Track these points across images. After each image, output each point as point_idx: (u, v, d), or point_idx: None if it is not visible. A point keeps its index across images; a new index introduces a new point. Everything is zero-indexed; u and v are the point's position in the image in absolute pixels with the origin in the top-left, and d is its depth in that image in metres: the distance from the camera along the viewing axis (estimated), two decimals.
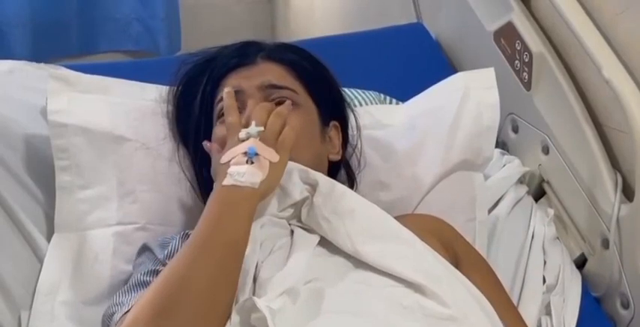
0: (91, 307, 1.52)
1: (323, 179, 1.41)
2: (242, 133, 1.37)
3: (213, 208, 1.32)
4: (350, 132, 1.67)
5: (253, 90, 1.52)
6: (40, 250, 1.58)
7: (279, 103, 1.50)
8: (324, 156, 1.56)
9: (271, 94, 1.52)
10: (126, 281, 1.47)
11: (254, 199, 1.32)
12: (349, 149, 1.66)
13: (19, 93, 1.68)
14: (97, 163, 1.59)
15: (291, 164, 1.41)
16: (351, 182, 1.64)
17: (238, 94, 1.51)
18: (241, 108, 1.49)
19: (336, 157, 1.59)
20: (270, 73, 1.55)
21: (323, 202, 1.38)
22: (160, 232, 1.58)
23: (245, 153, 1.34)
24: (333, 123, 1.60)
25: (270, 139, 1.37)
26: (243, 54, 1.58)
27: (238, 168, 1.32)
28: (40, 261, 1.57)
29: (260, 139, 1.36)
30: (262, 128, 1.38)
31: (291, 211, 1.41)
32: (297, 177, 1.40)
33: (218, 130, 1.52)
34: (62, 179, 1.57)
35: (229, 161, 1.35)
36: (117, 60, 2.87)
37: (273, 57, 1.57)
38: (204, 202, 1.56)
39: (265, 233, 1.35)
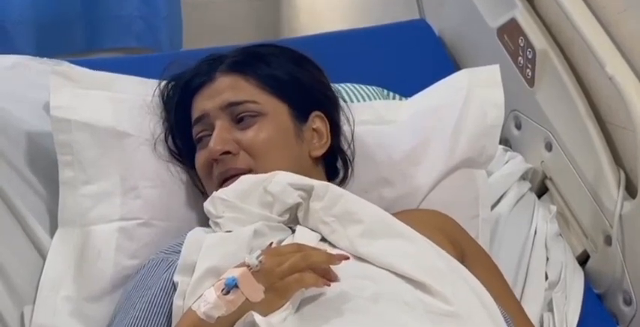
0: (93, 304, 1.53)
1: (318, 183, 1.42)
2: (247, 258, 1.24)
3: None
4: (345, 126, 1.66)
5: (217, 111, 1.53)
6: (42, 245, 1.58)
7: (243, 119, 1.52)
8: (303, 155, 1.55)
9: (234, 111, 1.53)
10: (128, 277, 1.49)
11: None
12: (344, 145, 1.65)
13: (22, 88, 1.68)
14: (100, 159, 1.59)
15: (281, 174, 1.43)
16: (346, 169, 1.64)
17: (205, 117, 1.54)
18: (210, 131, 1.53)
19: (320, 152, 1.57)
20: (228, 89, 1.55)
21: (320, 206, 1.39)
22: (163, 228, 1.58)
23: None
24: (315, 114, 1.59)
25: (270, 275, 1.23)
26: (204, 72, 1.59)
27: (208, 295, 1.23)
28: (43, 256, 1.57)
29: (261, 271, 1.23)
30: (259, 260, 1.22)
31: (287, 216, 1.42)
32: (288, 184, 1.41)
33: (199, 156, 1.55)
34: (65, 175, 1.57)
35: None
36: (118, 55, 2.87)
37: (231, 69, 1.57)
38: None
39: (260, 238, 1.36)
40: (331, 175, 1.61)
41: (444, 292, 1.29)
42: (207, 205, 1.45)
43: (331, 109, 1.63)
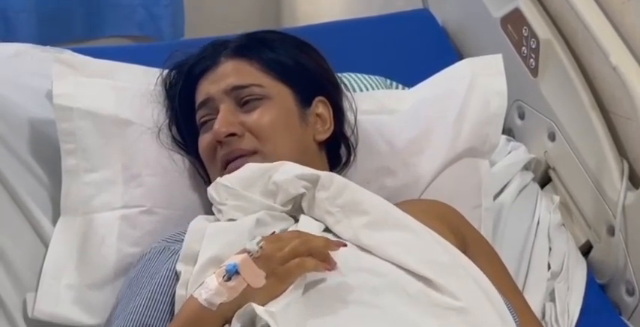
0: (96, 291, 1.53)
1: (323, 173, 1.42)
2: (247, 244, 1.24)
3: (178, 320, 1.27)
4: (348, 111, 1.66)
5: (221, 95, 1.53)
6: (45, 233, 1.58)
7: (248, 102, 1.51)
8: (307, 139, 1.55)
9: (239, 94, 1.53)
10: (131, 265, 1.49)
11: (212, 321, 1.24)
12: (347, 131, 1.65)
13: (25, 76, 1.68)
14: (102, 147, 1.59)
15: (289, 164, 1.43)
16: (349, 155, 1.64)
17: (209, 101, 1.54)
18: (215, 114, 1.53)
19: (324, 136, 1.58)
20: (233, 72, 1.55)
21: (326, 196, 1.39)
22: (165, 216, 1.58)
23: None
24: (318, 99, 1.59)
25: (271, 261, 1.23)
26: (209, 56, 1.59)
27: (210, 282, 1.23)
28: (46, 244, 1.57)
29: (261, 257, 1.23)
30: (260, 246, 1.22)
31: (290, 205, 1.42)
32: (292, 174, 1.41)
33: (202, 139, 1.55)
34: (68, 163, 1.57)
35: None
36: (121, 44, 2.87)
37: (236, 53, 1.57)
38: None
39: (262, 227, 1.36)
40: (333, 161, 1.61)
41: (449, 287, 1.29)
42: (211, 191, 1.45)
43: (334, 95, 1.63)
